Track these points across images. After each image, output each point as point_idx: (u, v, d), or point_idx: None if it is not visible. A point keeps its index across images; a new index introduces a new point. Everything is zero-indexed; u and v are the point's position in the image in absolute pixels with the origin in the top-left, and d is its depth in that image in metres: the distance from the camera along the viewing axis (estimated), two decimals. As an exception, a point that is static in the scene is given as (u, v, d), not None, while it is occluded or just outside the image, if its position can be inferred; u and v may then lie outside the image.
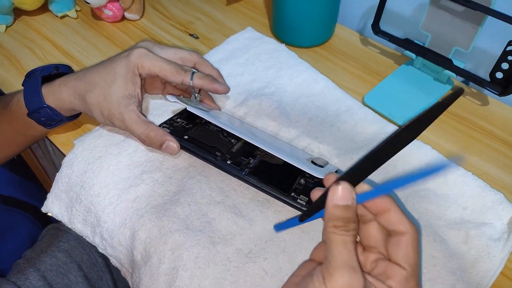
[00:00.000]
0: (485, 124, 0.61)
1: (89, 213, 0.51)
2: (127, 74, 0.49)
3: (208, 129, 0.52)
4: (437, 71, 0.65)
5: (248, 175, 0.46)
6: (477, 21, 0.56)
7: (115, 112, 0.48)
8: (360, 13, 0.81)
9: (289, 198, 0.45)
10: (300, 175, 0.49)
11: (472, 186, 0.51)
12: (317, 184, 0.48)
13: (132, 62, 0.49)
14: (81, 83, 0.50)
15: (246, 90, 0.63)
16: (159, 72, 0.50)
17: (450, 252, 0.45)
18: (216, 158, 0.47)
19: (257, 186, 0.46)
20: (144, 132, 0.48)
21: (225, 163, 0.47)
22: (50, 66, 0.54)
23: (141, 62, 0.49)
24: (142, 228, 0.47)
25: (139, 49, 0.50)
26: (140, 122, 0.49)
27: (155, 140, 0.48)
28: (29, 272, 0.58)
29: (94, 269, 0.62)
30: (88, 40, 0.76)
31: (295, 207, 0.45)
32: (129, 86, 0.49)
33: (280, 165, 0.49)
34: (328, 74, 0.67)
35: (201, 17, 0.81)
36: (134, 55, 0.49)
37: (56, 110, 0.50)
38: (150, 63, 0.49)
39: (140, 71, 0.50)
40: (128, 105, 0.49)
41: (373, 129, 0.58)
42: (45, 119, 0.51)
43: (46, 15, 0.82)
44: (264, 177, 0.46)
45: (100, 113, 0.49)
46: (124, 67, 0.49)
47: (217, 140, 0.50)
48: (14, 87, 0.68)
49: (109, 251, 0.50)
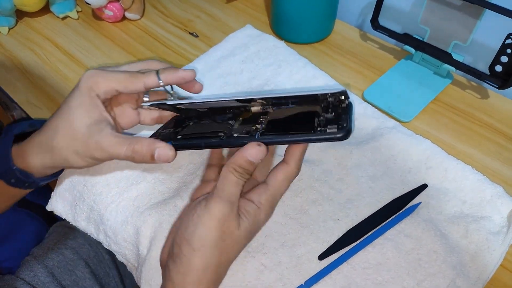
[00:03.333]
0: (485, 117, 0.62)
1: (92, 211, 0.51)
2: (83, 102, 0.43)
3: (199, 124, 0.46)
4: (436, 65, 0.65)
5: (262, 136, 0.40)
6: (475, 14, 0.57)
7: (91, 145, 0.42)
8: (359, 8, 0.81)
9: (317, 133, 0.38)
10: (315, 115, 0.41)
11: (471, 180, 0.51)
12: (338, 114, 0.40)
13: (83, 87, 0.43)
14: (43, 135, 0.44)
15: (245, 88, 0.64)
16: (117, 85, 0.43)
17: (450, 246, 0.46)
18: (221, 137, 0.42)
19: (278, 141, 0.40)
20: (128, 148, 0.41)
21: (232, 138, 0.41)
22: (25, 123, 0.50)
23: (93, 83, 0.43)
24: (144, 225, 0.48)
25: (86, 72, 0.44)
26: (120, 141, 0.42)
27: (144, 152, 0.41)
28: (37, 269, 0.58)
29: (101, 266, 0.63)
30: (89, 41, 0.77)
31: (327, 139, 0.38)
32: (91, 113, 0.43)
33: (290, 116, 0.42)
34: (327, 70, 0.67)
35: (200, 15, 0.82)
36: (82, 80, 0.43)
37: (26, 172, 0.45)
38: (104, 80, 0.43)
39: (97, 92, 0.43)
40: (100, 131, 0.42)
41: (373, 124, 0.58)
42: (15, 181, 0.45)
43: (48, 16, 0.82)
44: (280, 129, 0.40)
45: (76, 154, 0.43)
46: (77, 96, 0.43)
47: (213, 127, 0.45)
48: (17, 87, 0.69)
49: (114, 247, 0.51)
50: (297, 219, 0.48)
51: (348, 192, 0.50)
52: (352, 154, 0.54)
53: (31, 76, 0.70)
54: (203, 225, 0.38)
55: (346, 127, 0.37)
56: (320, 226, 0.47)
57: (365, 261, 0.45)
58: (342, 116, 0.39)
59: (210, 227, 0.37)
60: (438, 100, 0.64)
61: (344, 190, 0.51)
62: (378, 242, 0.46)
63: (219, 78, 0.66)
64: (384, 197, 0.50)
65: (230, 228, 0.38)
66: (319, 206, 0.49)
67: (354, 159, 0.54)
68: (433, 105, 0.63)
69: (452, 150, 0.57)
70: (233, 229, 0.38)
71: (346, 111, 0.39)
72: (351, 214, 0.48)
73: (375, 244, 0.46)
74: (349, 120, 0.38)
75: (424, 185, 0.51)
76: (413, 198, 0.49)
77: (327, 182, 0.51)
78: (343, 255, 0.45)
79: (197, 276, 0.38)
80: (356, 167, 0.53)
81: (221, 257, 0.39)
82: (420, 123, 0.61)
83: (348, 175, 0.52)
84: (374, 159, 0.54)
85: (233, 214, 0.38)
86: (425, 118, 0.62)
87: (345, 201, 0.50)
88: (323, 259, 0.45)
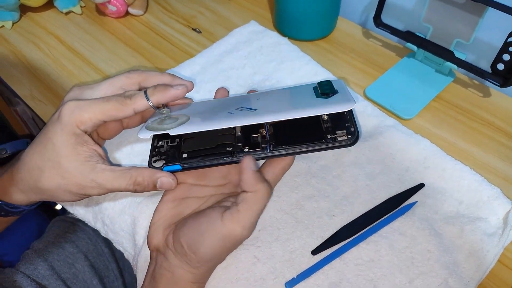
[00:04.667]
0: (487, 115, 0.61)
1: (91, 199, 0.52)
2: (69, 141, 0.39)
3: (199, 133, 0.43)
4: (438, 63, 0.65)
5: (275, 149, 0.40)
6: (478, 12, 0.56)
7: (85, 184, 0.40)
8: (362, 6, 0.81)
9: (329, 142, 0.39)
10: (320, 119, 0.42)
11: (469, 180, 0.51)
12: (340, 118, 0.41)
13: (66, 124, 0.39)
14: (25, 174, 0.41)
15: (247, 83, 0.64)
16: (104, 117, 0.40)
17: (444, 246, 0.45)
18: (232, 154, 0.41)
19: (291, 153, 0.40)
20: (130, 182, 0.40)
21: (244, 153, 0.41)
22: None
23: (78, 118, 0.39)
24: (141, 215, 0.48)
25: (67, 104, 0.40)
26: (119, 175, 0.40)
27: (146, 184, 0.41)
28: (37, 262, 0.59)
29: (100, 259, 0.63)
30: (92, 36, 0.77)
31: (338, 146, 0.39)
32: (80, 151, 0.40)
33: (294, 125, 0.41)
34: (330, 67, 0.67)
35: (204, 11, 0.82)
36: (64, 115, 0.39)
37: (12, 204, 0.43)
38: (88, 114, 0.39)
39: (82, 128, 0.40)
40: (94, 168, 0.40)
41: (373, 122, 0.58)
42: (5, 213, 0.44)
43: (51, 11, 0.83)
44: (291, 140, 0.40)
45: (68, 193, 0.40)
46: (61, 134, 0.39)
47: (216, 136, 0.43)
48: (21, 82, 0.69)
49: (111, 236, 0.52)
50: (293, 214, 0.48)
51: (345, 189, 0.50)
52: (350, 152, 0.54)
53: (35, 71, 0.71)
54: (219, 242, 0.39)
55: (355, 132, 0.39)
56: (315, 222, 0.47)
57: (358, 258, 0.45)
58: (348, 118, 0.40)
59: (224, 247, 0.40)
60: (440, 98, 0.63)
61: (340, 187, 0.50)
62: (372, 239, 0.46)
63: (221, 72, 0.66)
64: (380, 195, 0.50)
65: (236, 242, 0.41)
66: (315, 202, 0.49)
67: (352, 157, 0.53)
68: (435, 103, 0.63)
69: (453, 148, 0.57)
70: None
71: (350, 114, 0.41)
72: (346, 210, 0.48)
73: (369, 241, 0.45)
74: (355, 123, 0.40)
75: (421, 184, 0.50)
76: (409, 197, 0.49)
77: (324, 179, 0.51)
78: (336, 250, 0.45)
79: (199, 278, 0.42)
80: (353, 164, 0.53)
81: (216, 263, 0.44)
82: (422, 120, 0.61)
83: (345, 172, 0.52)
84: (372, 157, 0.54)
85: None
86: (427, 116, 0.61)
87: (341, 198, 0.49)
88: (316, 254, 0.45)
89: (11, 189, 0.42)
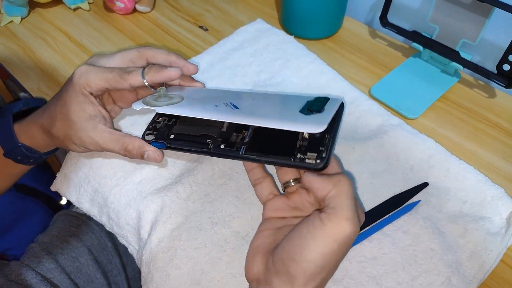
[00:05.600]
0: (492, 116, 0.61)
1: (97, 193, 0.53)
2: (77, 98, 0.45)
3: (191, 118, 0.46)
4: (444, 63, 0.65)
5: (246, 153, 0.41)
6: (484, 13, 0.56)
7: (85, 139, 0.45)
8: (368, 5, 0.81)
9: (296, 161, 0.39)
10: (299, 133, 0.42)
11: (473, 180, 0.51)
12: (319, 138, 0.40)
13: (76, 84, 0.44)
14: (44, 119, 0.47)
15: (252, 80, 0.64)
16: (106, 85, 0.45)
17: (447, 245, 0.45)
18: (209, 147, 0.43)
19: (259, 160, 0.41)
20: (121, 147, 0.45)
21: (219, 149, 0.43)
22: (20, 102, 0.52)
23: (85, 81, 0.44)
24: (146, 209, 0.49)
25: (79, 68, 0.45)
26: (114, 139, 0.45)
27: (135, 153, 0.45)
28: (42, 255, 0.59)
29: (104, 253, 0.64)
30: (100, 32, 0.78)
31: (305, 167, 0.39)
32: (86, 108, 0.45)
33: (273, 135, 0.42)
34: (335, 66, 0.67)
35: (210, 9, 0.82)
36: (75, 77, 0.45)
37: (31, 148, 0.49)
38: (94, 79, 0.44)
39: (88, 90, 0.45)
40: (95, 126, 0.45)
41: (377, 121, 0.58)
42: (21, 158, 0.49)
43: (60, 7, 0.84)
44: (263, 148, 0.41)
45: (72, 143, 0.46)
46: (71, 92, 0.45)
47: (205, 125, 0.45)
48: (29, 76, 0.70)
49: (116, 230, 0.52)
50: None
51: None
52: (355, 150, 0.54)
53: (43, 66, 0.72)
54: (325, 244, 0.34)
55: (325, 158, 0.38)
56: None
57: (361, 255, 0.45)
58: (325, 141, 0.40)
59: (332, 251, 0.35)
60: (445, 98, 0.64)
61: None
62: (375, 237, 0.46)
63: (227, 69, 0.67)
64: (384, 193, 0.50)
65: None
66: (319, 200, 0.49)
67: (356, 155, 0.54)
68: (440, 103, 0.63)
69: (457, 148, 0.57)
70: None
71: (331, 130, 0.40)
72: (350, 208, 0.48)
73: (372, 239, 0.46)
74: (330, 150, 0.39)
75: (425, 183, 0.51)
76: (413, 196, 0.49)
77: (328, 177, 0.51)
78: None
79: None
80: (357, 162, 0.53)
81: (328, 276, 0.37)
82: (427, 120, 0.61)
83: (349, 170, 0.52)
84: (376, 156, 0.54)
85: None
86: (432, 115, 0.61)
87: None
88: (319, 251, 0.45)
89: (32, 131, 0.48)
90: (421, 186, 0.50)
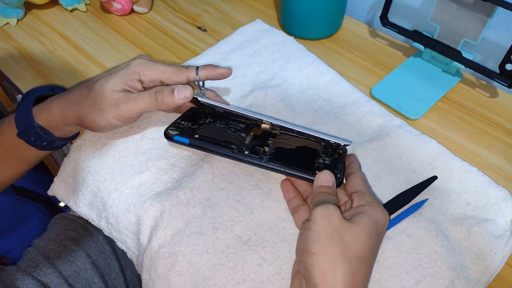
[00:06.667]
0: (494, 116, 0.61)
1: (95, 197, 0.52)
2: (126, 77, 0.48)
3: (215, 127, 0.50)
4: (446, 63, 0.64)
5: (269, 162, 0.45)
6: (486, 12, 0.55)
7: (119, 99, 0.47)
8: (368, 5, 0.80)
9: (314, 176, 0.44)
10: (317, 155, 0.48)
11: (476, 182, 0.50)
12: (334, 161, 0.47)
13: (132, 69, 0.49)
14: (75, 92, 0.49)
15: (252, 82, 0.64)
16: (161, 76, 0.49)
17: (451, 248, 0.45)
18: (233, 150, 0.46)
19: (281, 170, 0.45)
20: (150, 95, 0.47)
21: (243, 154, 0.46)
22: (45, 87, 0.54)
23: (142, 70, 0.49)
24: (146, 214, 0.48)
25: (138, 59, 0.50)
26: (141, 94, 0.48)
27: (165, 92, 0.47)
28: (39, 260, 0.59)
29: (102, 256, 0.63)
30: (97, 33, 0.77)
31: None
32: (128, 87, 0.49)
33: (295, 149, 0.48)
34: (336, 66, 0.66)
35: (209, 9, 0.82)
36: (134, 63, 0.49)
37: (46, 129, 0.50)
38: (151, 70, 0.49)
39: (142, 78, 0.49)
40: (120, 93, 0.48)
41: (379, 122, 0.58)
42: (35, 139, 0.50)
43: (56, 8, 0.83)
44: (286, 160, 0.45)
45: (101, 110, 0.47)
46: (124, 72, 0.48)
47: (227, 136, 0.49)
48: (25, 78, 0.69)
49: (115, 234, 0.52)
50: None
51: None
52: (357, 152, 0.53)
53: (39, 67, 0.71)
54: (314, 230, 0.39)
55: (340, 178, 0.44)
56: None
57: (365, 259, 0.44)
58: (338, 165, 0.46)
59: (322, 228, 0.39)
60: (447, 98, 0.63)
61: (346, 187, 0.50)
62: (379, 240, 0.45)
63: (227, 70, 0.66)
64: (386, 196, 0.49)
65: (341, 224, 0.39)
66: (321, 203, 0.48)
67: (358, 157, 0.53)
68: (442, 103, 0.62)
69: (460, 148, 0.57)
70: (343, 222, 0.40)
71: (341, 159, 0.47)
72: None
73: (375, 242, 0.45)
74: (343, 170, 0.46)
75: (434, 177, 0.50)
76: (423, 190, 0.49)
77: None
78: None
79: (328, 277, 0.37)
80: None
81: (345, 253, 0.38)
82: (428, 121, 0.60)
83: (351, 172, 0.51)
84: (378, 157, 0.53)
85: (337, 212, 0.40)
86: (434, 116, 0.61)
87: (348, 198, 0.49)
88: (322, 255, 0.44)
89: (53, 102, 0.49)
90: (430, 180, 0.50)
